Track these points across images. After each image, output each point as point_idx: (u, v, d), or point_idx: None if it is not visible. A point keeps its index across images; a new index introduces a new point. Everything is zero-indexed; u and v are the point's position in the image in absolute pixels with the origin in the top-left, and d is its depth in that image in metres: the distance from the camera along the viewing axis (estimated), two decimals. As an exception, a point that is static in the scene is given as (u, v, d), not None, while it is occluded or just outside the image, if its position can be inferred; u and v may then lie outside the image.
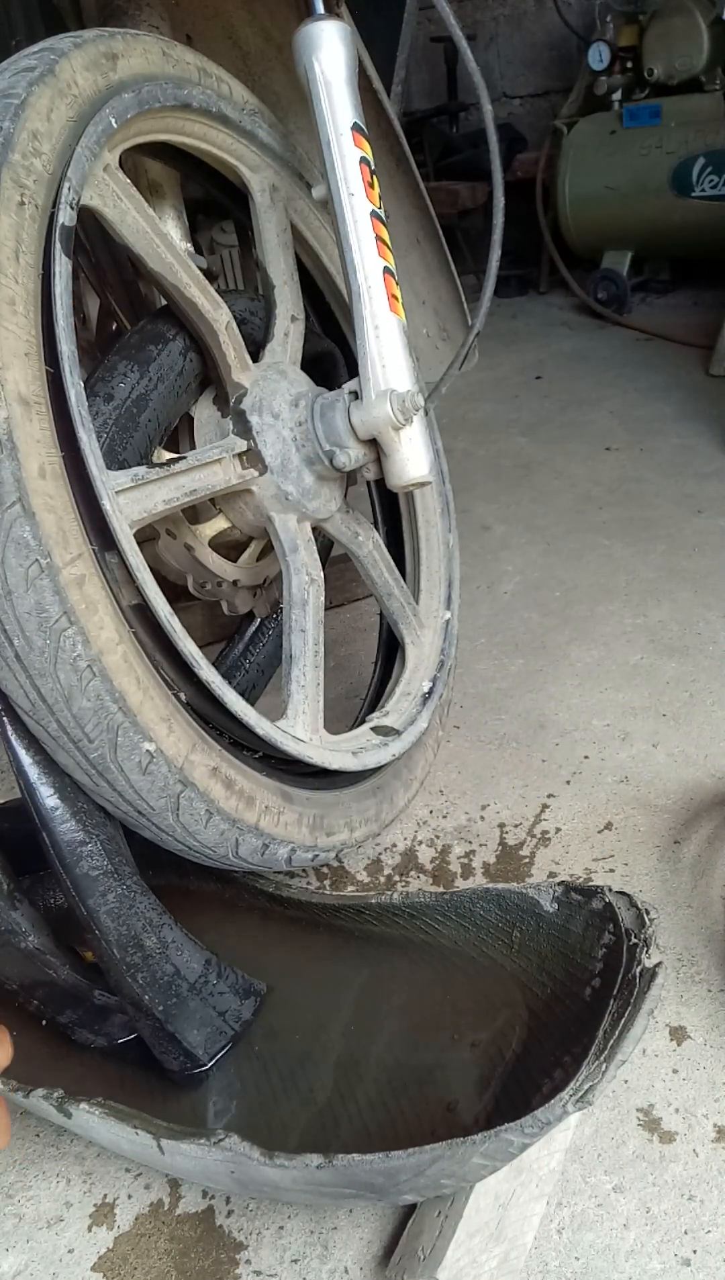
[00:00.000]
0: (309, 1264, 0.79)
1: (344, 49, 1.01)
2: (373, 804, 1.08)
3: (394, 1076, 0.82)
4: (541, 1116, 0.64)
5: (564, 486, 2.12)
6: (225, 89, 1.10)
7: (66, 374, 0.76)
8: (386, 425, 0.98)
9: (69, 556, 0.73)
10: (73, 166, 0.81)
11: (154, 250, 0.94)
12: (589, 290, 3.42)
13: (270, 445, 1.01)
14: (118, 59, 0.93)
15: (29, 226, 0.76)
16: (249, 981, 0.93)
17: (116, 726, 0.76)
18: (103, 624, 0.75)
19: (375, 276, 0.99)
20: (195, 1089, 0.86)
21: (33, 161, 0.78)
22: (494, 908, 0.92)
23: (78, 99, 0.86)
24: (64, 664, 0.73)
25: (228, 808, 0.86)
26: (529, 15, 4.02)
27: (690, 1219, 0.77)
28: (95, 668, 0.74)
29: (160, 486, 0.89)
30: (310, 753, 0.97)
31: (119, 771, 0.77)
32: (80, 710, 0.74)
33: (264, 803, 0.91)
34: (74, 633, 0.73)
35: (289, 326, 1.11)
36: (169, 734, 0.80)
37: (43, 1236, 0.83)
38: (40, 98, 0.80)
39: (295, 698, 1.01)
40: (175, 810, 0.81)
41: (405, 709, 1.17)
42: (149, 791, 0.79)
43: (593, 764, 1.28)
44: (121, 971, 0.84)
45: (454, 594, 1.29)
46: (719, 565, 1.71)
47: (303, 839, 0.95)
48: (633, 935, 0.79)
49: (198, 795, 0.82)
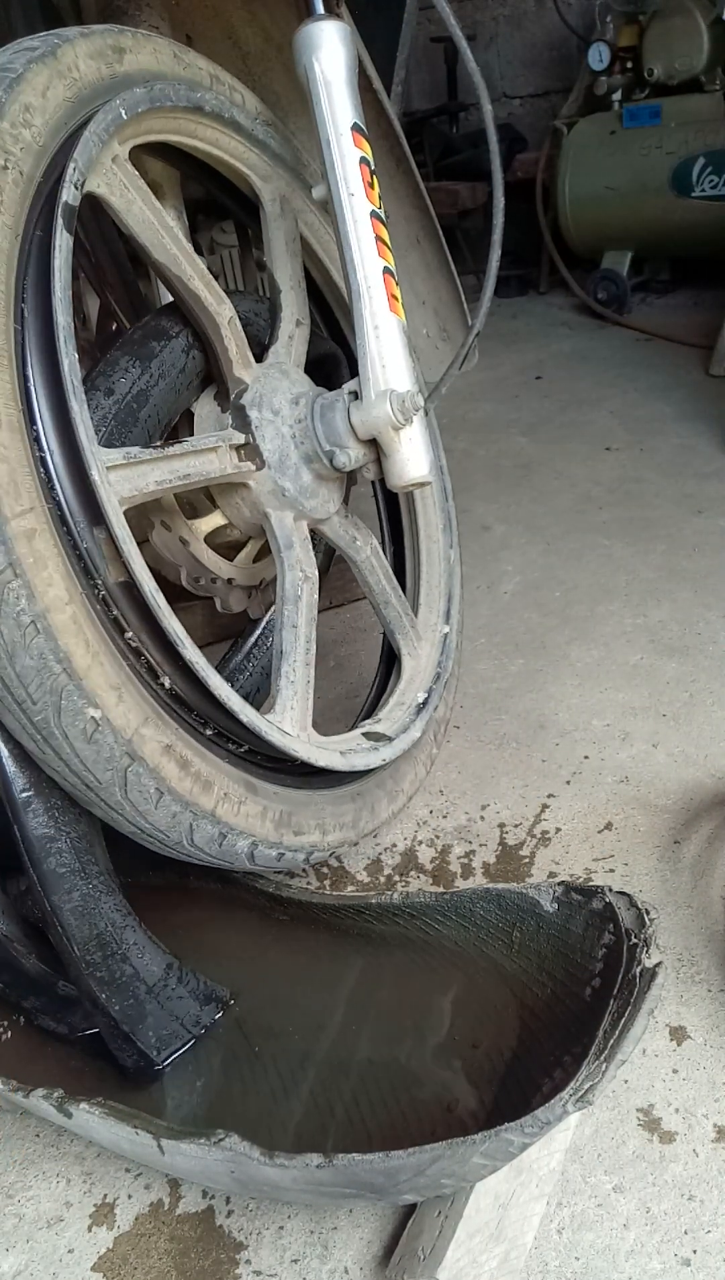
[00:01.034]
0: (309, 1264, 0.78)
1: (344, 49, 1.01)
2: (351, 809, 1.06)
3: (394, 1076, 0.82)
4: (541, 1116, 0.65)
5: (564, 486, 2.12)
6: (238, 98, 1.11)
7: (60, 343, 0.77)
8: (386, 425, 0.98)
9: (19, 508, 0.73)
10: (79, 150, 0.84)
11: (159, 241, 0.95)
12: (589, 290, 3.42)
13: (268, 440, 1.01)
14: (125, 53, 0.95)
15: (10, 190, 0.79)
16: (212, 987, 0.93)
17: (60, 689, 0.74)
18: (51, 580, 0.74)
19: (375, 276, 0.99)
20: (156, 1085, 0.87)
21: (21, 131, 0.81)
22: (494, 908, 0.92)
23: (77, 82, 0.88)
24: (6, 617, 0.72)
25: (181, 789, 0.83)
26: (529, 15, 4.02)
27: (690, 1219, 0.77)
28: (40, 624, 0.73)
29: (153, 467, 0.89)
30: (296, 747, 0.96)
31: (63, 738, 0.76)
32: (23, 668, 0.73)
33: (223, 789, 0.88)
34: (18, 585, 0.72)
35: (294, 330, 1.12)
36: (118, 703, 0.79)
37: (43, 1236, 0.83)
38: (37, 75, 0.84)
39: (284, 693, 1.01)
40: (123, 785, 0.80)
41: (398, 717, 1.16)
42: (95, 762, 0.78)
43: (593, 764, 1.28)
44: (80, 969, 0.84)
45: (454, 609, 1.29)
46: (719, 565, 1.71)
47: (266, 834, 0.93)
48: (633, 935, 0.79)
49: (147, 771, 0.80)
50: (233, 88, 1.11)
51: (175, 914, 1.07)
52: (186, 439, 0.96)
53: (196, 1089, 0.86)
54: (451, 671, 1.26)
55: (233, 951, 1.01)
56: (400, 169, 2.43)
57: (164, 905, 1.09)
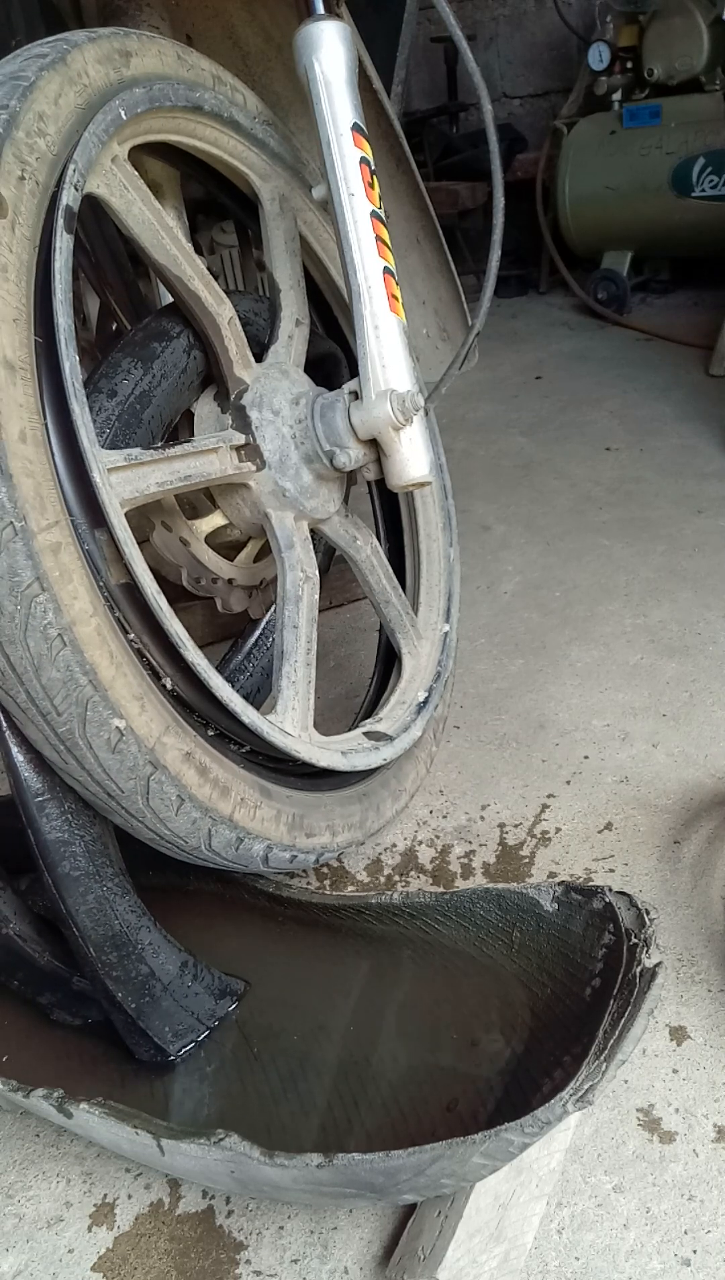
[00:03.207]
0: (309, 1264, 0.79)
1: (344, 49, 1.01)
2: (357, 810, 1.07)
3: (393, 1076, 0.82)
4: (541, 1116, 0.65)
5: (564, 486, 2.12)
6: (239, 98, 1.11)
7: (62, 346, 0.77)
8: (386, 425, 0.98)
9: (45, 522, 0.73)
10: (79, 151, 0.83)
11: (159, 242, 0.94)
12: (589, 290, 3.42)
13: (269, 441, 1.01)
14: (131, 56, 0.94)
15: (28, 200, 0.78)
16: (226, 981, 0.93)
17: (86, 700, 0.75)
18: (76, 594, 0.75)
19: (375, 276, 0.99)
20: (167, 1078, 0.88)
21: (36, 141, 0.80)
22: (494, 908, 0.92)
23: (87, 89, 0.87)
24: (34, 631, 0.72)
25: (201, 795, 0.84)
26: (529, 15, 4.02)
27: (690, 1219, 0.77)
28: (66, 637, 0.73)
29: (154, 469, 0.89)
30: (297, 747, 0.96)
31: (87, 748, 0.77)
32: (49, 681, 0.74)
33: (240, 795, 0.89)
34: (45, 599, 0.72)
35: (293, 330, 1.12)
36: (141, 713, 0.79)
37: (43, 1236, 0.83)
38: (49, 83, 0.83)
39: (285, 693, 1.00)
40: (145, 794, 0.80)
41: (399, 716, 1.16)
42: (118, 771, 0.78)
43: (593, 764, 1.28)
44: (96, 969, 0.84)
45: (453, 607, 1.29)
46: (719, 565, 1.71)
47: (280, 837, 0.94)
48: (633, 935, 0.79)
49: (169, 779, 0.81)
50: (234, 88, 1.11)
51: (175, 916, 1.07)
52: (187, 440, 0.95)
53: (207, 1076, 0.87)
54: (451, 670, 1.26)
55: (233, 953, 1.01)
56: (400, 169, 2.44)
57: (164, 907, 1.09)
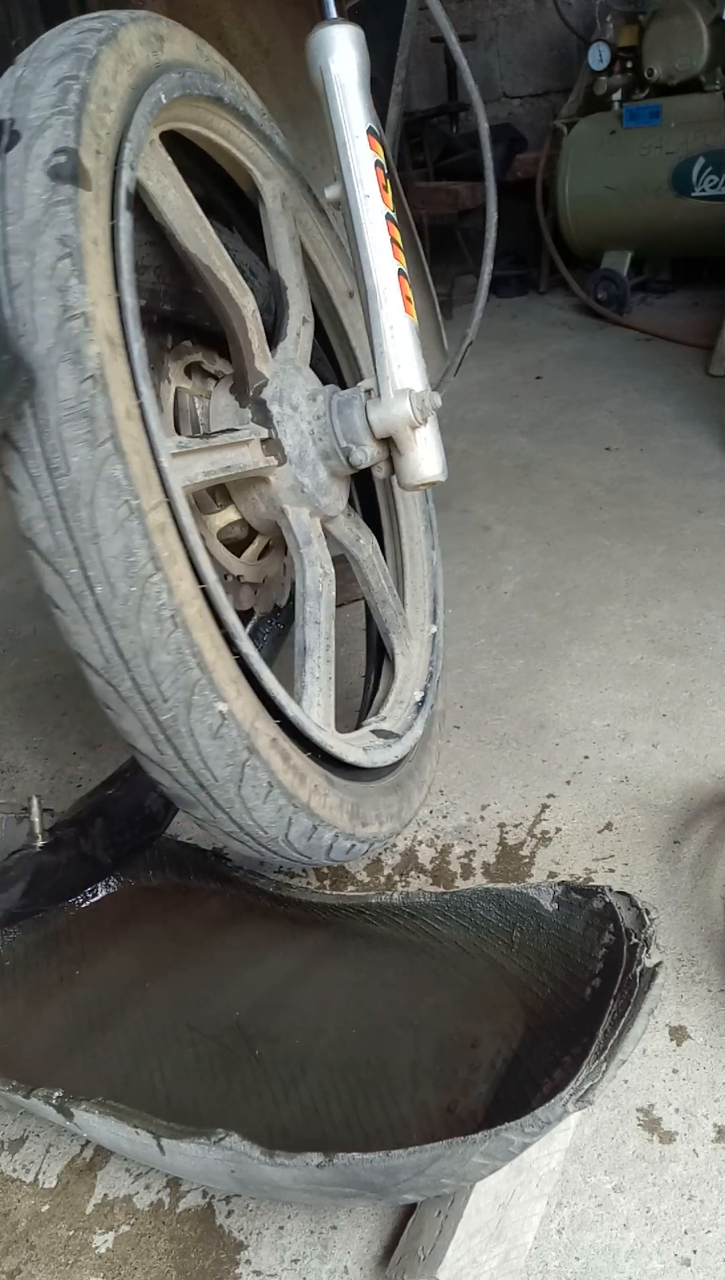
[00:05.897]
0: (309, 1264, 0.78)
1: (357, 53, 1.02)
2: (395, 800, 1.07)
3: (393, 1076, 0.82)
4: (541, 1116, 0.65)
5: (564, 486, 2.12)
6: (245, 92, 1.11)
7: (130, 326, 0.75)
8: (405, 423, 0.98)
9: (153, 501, 0.72)
10: (131, 130, 0.81)
11: (191, 229, 0.94)
12: (589, 290, 3.42)
13: (290, 436, 1.01)
14: (164, 41, 0.93)
15: (102, 176, 0.77)
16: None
17: (193, 684, 0.73)
18: (182, 575, 0.73)
19: (390, 278, 0.99)
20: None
21: (104, 116, 0.78)
22: (494, 908, 0.92)
23: (135, 69, 0.86)
24: (148, 613, 0.70)
25: (286, 781, 0.83)
26: (529, 15, 4.02)
27: (690, 1219, 0.77)
28: (177, 618, 0.72)
29: (199, 458, 0.89)
30: (330, 742, 0.97)
31: (189, 735, 0.75)
32: (158, 665, 0.72)
33: (313, 782, 0.89)
34: (160, 580, 0.70)
35: (300, 327, 1.12)
36: (238, 696, 0.78)
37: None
38: (108, 58, 0.80)
39: (310, 690, 1.00)
40: (239, 781, 0.79)
41: (400, 715, 1.17)
42: (216, 759, 0.77)
43: (593, 764, 1.28)
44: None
45: (439, 609, 1.29)
46: (719, 565, 1.71)
47: (345, 825, 0.93)
48: (633, 935, 0.79)
49: (261, 765, 0.79)
50: (240, 83, 1.11)
51: (175, 915, 1.07)
52: (226, 430, 0.95)
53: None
54: (441, 670, 1.27)
55: (232, 952, 1.01)
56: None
57: (164, 906, 1.09)
